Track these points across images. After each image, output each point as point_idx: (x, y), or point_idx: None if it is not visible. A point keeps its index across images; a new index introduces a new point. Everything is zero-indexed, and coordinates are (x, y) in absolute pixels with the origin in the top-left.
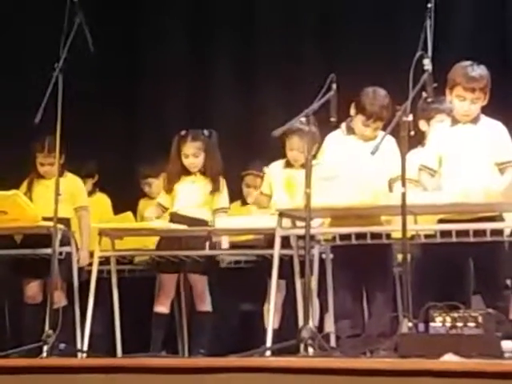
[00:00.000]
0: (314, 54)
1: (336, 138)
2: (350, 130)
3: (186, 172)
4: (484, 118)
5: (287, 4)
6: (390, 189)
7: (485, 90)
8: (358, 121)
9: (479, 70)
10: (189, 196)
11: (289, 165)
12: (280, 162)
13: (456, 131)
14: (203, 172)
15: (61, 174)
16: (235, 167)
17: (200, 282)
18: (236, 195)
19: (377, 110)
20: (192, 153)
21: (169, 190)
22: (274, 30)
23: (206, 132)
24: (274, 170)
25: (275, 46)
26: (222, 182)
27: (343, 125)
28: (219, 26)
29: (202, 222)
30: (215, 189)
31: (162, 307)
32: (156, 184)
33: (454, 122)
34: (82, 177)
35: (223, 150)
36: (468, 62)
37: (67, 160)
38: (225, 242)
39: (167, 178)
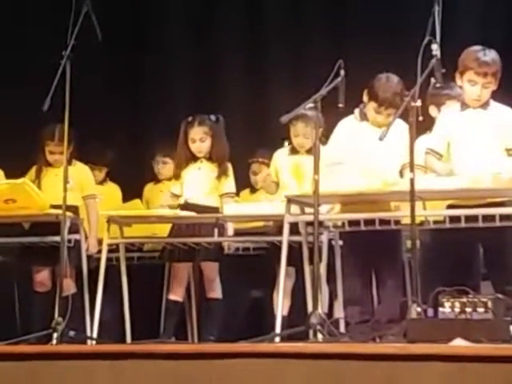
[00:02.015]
0: (322, 39)
1: (348, 124)
2: (364, 117)
3: (194, 158)
4: (493, 104)
5: None
6: (402, 175)
7: (496, 75)
8: (370, 107)
9: (491, 55)
10: (196, 183)
11: (294, 151)
12: (285, 149)
13: (466, 116)
14: (209, 157)
15: (69, 163)
16: (243, 155)
17: (212, 270)
18: (245, 183)
19: (389, 97)
20: (199, 137)
21: (177, 175)
22: (282, 16)
23: (212, 117)
24: (280, 157)
25: (283, 32)
26: (229, 167)
27: (356, 111)
28: (227, 11)
29: (212, 209)
30: (221, 173)
31: (175, 295)
32: (170, 166)
33: (464, 106)
34: (97, 166)
35: (230, 137)
36: (479, 47)
37: (79, 150)
38: (230, 228)
39: (176, 163)
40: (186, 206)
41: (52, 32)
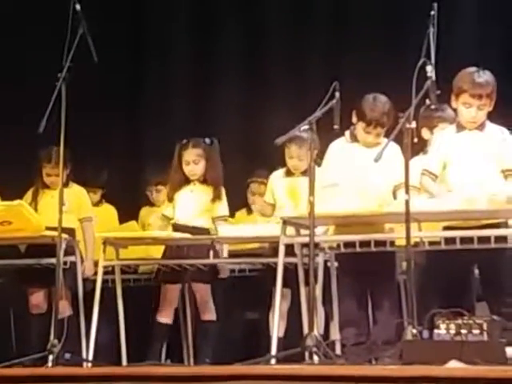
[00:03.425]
0: (318, 61)
1: (339, 146)
2: (354, 138)
3: (187, 181)
4: (489, 125)
5: (290, 14)
6: (395, 196)
7: (491, 97)
8: (359, 128)
9: (485, 76)
10: (187, 205)
11: (290, 173)
12: (281, 171)
13: (462, 137)
14: (202, 180)
15: (66, 185)
16: (240, 175)
17: (204, 291)
18: (241, 203)
19: (377, 117)
20: (192, 159)
21: (170, 198)
22: (277, 40)
23: (207, 140)
24: (276, 180)
25: (280, 55)
26: (222, 191)
27: (347, 132)
28: (224, 35)
29: (203, 231)
30: (216, 197)
31: (164, 318)
32: (164, 192)
33: (460, 128)
34: (92, 188)
35: (228, 157)
36: (474, 68)
37: (74, 170)
38: (224, 250)
39: (169, 186)
40: (176, 227)
41: (50, 54)
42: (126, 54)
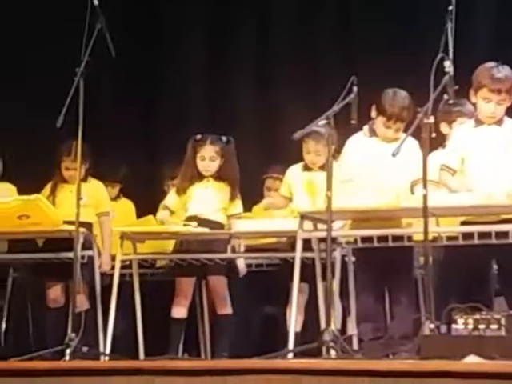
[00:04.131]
0: (334, 56)
1: (358, 141)
2: (373, 133)
3: (200, 176)
4: (508, 120)
5: (305, 8)
6: (412, 191)
7: (510, 91)
8: (379, 122)
9: (504, 71)
10: (204, 201)
11: (307, 167)
12: (299, 165)
13: (480, 132)
14: (217, 177)
15: (85, 179)
16: (256, 171)
17: (220, 285)
18: (258, 198)
19: (397, 111)
20: (210, 156)
21: (182, 191)
22: (293, 33)
23: (224, 138)
24: (294, 173)
25: (295, 50)
26: (238, 190)
27: (365, 127)
28: (239, 30)
29: (221, 226)
30: (234, 195)
31: (179, 312)
32: None
33: (478, 122)
34: (110, 182)
35: (244, 153)
36: (493, 63)
37: (94, 166)
38: (241, 246)
39: (181, 180)
40: (195, 220)
41: (67, 48)
42: (144, 49)
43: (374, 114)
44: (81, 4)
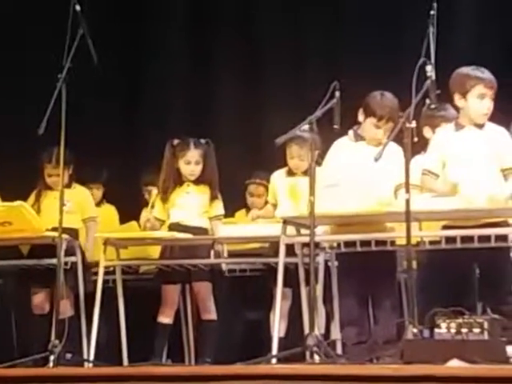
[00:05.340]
0: (317, 61)
1: (343, 145)
2: (358, 137)
3: (180, 181)
4: (489, 124)
5: (289, 13)
6: (396, 196)
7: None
8: (369, 124)
9: (485, 70)
10: (186, 206)
11: (291, 172)
12: (282, 171)
13: (461, 136)
14: (195, 180)
15: (69, 186)
16: (239, 176)
17: (204, 291)
18: (241, 204)
19: (387, 111)
20: (195, 160)
21: (165, 199)
22: (277, 37)
23: (203, 141)
24: (277, 179)
25: (278, 55)
26: (217, 189)
27: (350, 132)
28: (222, 34)
29: (203, 231)
30: (214, 196)
31: (165, 318)
32: (155, 192)
33: (458, 126)
34: (94, 184)
35: (227, 158)
36: (472, 66)
37: (76, 171)
38: (224, 250)
39: (162, 187)
40: (177, 227)
41: (50, 55)
42: (125, 54)
43: (361, 117)
44: (63, 10)
